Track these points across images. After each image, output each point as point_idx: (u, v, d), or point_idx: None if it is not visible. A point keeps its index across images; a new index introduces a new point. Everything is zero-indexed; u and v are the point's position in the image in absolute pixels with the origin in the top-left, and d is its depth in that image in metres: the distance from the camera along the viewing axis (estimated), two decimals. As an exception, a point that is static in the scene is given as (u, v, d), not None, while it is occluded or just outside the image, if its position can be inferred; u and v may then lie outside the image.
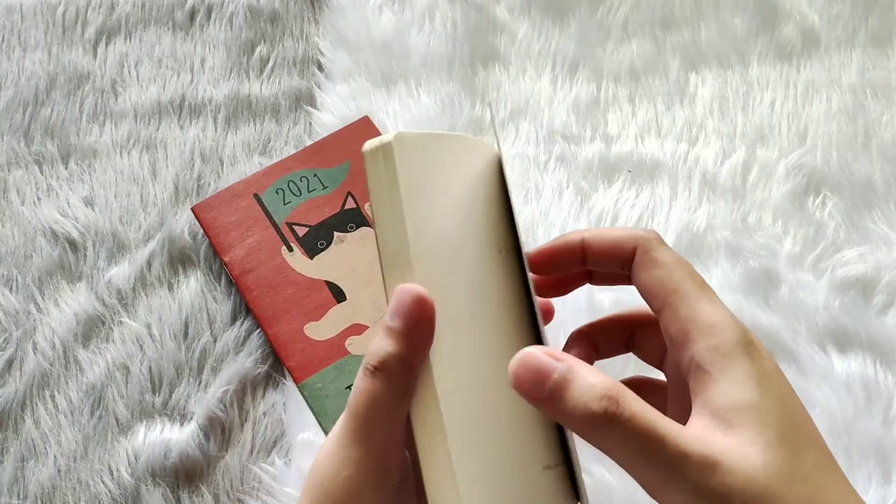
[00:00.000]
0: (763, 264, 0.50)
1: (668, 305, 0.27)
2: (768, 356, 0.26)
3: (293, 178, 0.54)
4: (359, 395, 0.27)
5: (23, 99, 0.60)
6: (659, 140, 0.57)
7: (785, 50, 0.62)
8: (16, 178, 0.56)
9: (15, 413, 0.47)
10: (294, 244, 0.51)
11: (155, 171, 0.56)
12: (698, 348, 0.25)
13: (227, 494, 0.44)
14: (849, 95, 0.59)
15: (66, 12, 0.65)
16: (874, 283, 0.50)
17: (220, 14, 0.65)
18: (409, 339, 0.26)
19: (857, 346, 0.47)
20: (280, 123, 0.60)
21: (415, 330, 0.26)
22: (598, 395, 0.23)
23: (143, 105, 0.60)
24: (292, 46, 0.64)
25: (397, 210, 0.26)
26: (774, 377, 0.25)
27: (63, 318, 0.50)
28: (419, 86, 0.60)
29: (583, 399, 0.23)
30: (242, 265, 0.50)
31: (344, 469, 0.27)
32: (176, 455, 0.44)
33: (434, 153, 0.28)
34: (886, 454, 0.43)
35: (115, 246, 0.53)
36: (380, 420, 0.27)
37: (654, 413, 0.23)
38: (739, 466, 0.22)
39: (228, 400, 0.47)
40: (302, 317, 0.48)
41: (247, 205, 0.53)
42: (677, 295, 0.27)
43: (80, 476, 0.45)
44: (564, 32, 0.63)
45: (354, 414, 0.27)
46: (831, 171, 0.55)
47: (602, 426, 0.23)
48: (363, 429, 0.27)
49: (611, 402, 0.23)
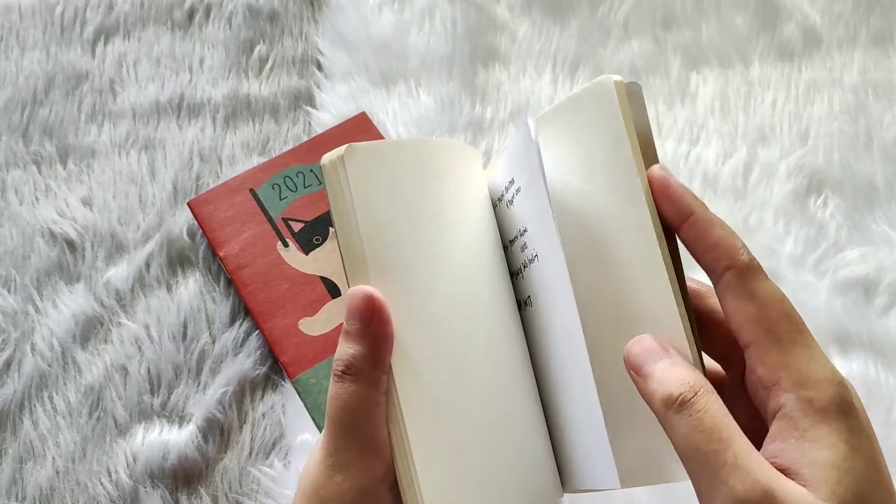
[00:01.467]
0: (764, 265, 0.49)
1: (758, 345, 0.25)
2: (863, 411, 0.25)
3: (289, 174, 0.54)
4: (334, 401, 0.27)
5: (21, 99, 0.60)
6: (660, 140, 0.57)
7: (786, 49, 0.62)
8: (14, 179, 0.56)
9: (13, 414, 0.47)
10: (289, 239, 0.51)
11: (153, 172, 0.56)
12: (788, 399, 0.24)
13: (225, 496, 0.44)
14: (850, 95, 0.59)
15: (65, 12, 0.64)
16: (876, 283, 0.49)
17: (219, 13, 0.65)
18: (368, 337, 0.27)
19: (858, 347, 0.47)
20: (279, 123, 0.59)
21: (371, 327, 0.27)
22: (683, 381, 0.24)
23: (141, 105, 0.60)
24: (291, 46, 0.64)
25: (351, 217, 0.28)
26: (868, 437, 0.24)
27: (61, 318, 0.49)
28: (419, 85, 0.60)
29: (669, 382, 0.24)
30: (238, 260, 0.50)
31: (336, 475, 0.27)
32: (174, 457, 0.44)
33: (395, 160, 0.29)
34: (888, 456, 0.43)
35: (113, 246, 0.53)
36: (359, 422, 0.27)
37: (729, 420, 0.23)
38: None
39: (227, 401, 0.46)
40: (296, 312, 0.48)
41: (243, 200, 0.53)
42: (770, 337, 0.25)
43: (79, 477, 0.44)
44: (565, 32, 0.63)
45: (334, 421, 0.27)
46: (833, 172, 0.55)
47: (674, 409, 0.24)
48: (345, 434, 0.27)
49: (690, 389, 0.24)
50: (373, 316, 0.27)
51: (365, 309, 0.27)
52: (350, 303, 0.27)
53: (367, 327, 0.27)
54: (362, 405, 0.27)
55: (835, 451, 0.23)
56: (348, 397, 0.27)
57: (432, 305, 0.29)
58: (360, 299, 0.27)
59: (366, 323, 0.27)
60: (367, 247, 0.27)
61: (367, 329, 0.27)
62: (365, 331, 0.27)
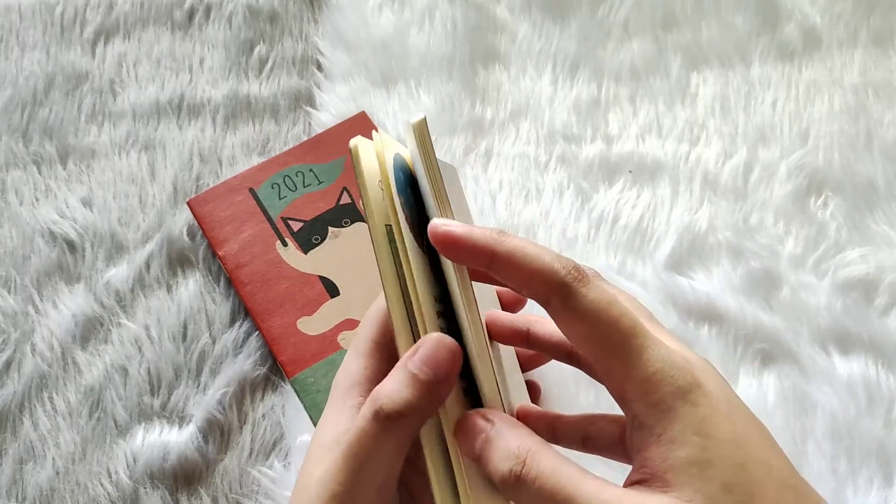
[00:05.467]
0: (765, 265, 0.50)
1: (599, 363, 0.24)
2: (719, 390, 0.24)
3: (289, 173, 0.54)
4: (362, 436, 0.25)
5: (21, 99, 0.60)
6: (660, 140, 0.57)
7: (786, 49, 0.62)
8: (14, 179, 0.56)
9: (13, 415, 0.47)
10: (288, 239, 0.51)
11: (153, 172, 0.56)
12: (637, 407, 0.23)
13: (225, 497, 0.44)
14: (851, 95, 0.59)
15: (65, 12, 0.64)
16: (876, 284, 0.49)
17: (218, 14, 0.65)
18: (434, 393, 0.25)
19: (858, 347, 0.47)
20: (279, 123, 0.59)
21: (443, 384, 0.25)
22: (508, 455, 0.23)
23: (141, 105, 0.60)
24: (291, 46, 0.64)
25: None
26: (725, 417, 0.23)
27: (61, 319, 0.49)
28: (419, 86, 0.59)
29: (496, 461, 0.23)
30: (237, 259, 0.50)
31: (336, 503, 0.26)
32: (174, 457, 0.44)
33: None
34: (888, 456, 0.43)
35: (113, 247, 0.53)
36: (379, 467, 0.26)
37: (570, 472, 0.23)
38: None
39: (227, 402, 0.46)
40: (295, 311, 0.48)
41: (242, 199, 0.53)
42: (605, 352, 0.24)
43: (79, 478, 0.44)
44: (565, 32, 0.63)
45: (353, 455, 0.26)
46: (833, 172, 0.55)
47: (510, 486, 0.23)
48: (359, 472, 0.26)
49: (517, 462, 0.23)
50: (450, 375, 0.25)
51: (445, 364, 0.25)
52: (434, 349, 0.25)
53: (441, 383, 0.25)
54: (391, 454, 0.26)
55: (690, 447, 0.22)
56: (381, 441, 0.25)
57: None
58: (448, 351, 0.25)
59: (441, 378, 0.25)
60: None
61: (439, 384, 0.25)
62: (437, 385, 0.25)
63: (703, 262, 0.51)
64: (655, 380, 0.23)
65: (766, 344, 0.47)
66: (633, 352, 0.23)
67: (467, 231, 0.25)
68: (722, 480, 0.22)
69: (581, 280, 0.24)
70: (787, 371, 0.46)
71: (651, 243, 0.52)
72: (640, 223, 0.53)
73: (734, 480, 0.22)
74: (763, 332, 0.47)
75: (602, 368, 0.24)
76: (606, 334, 0.23)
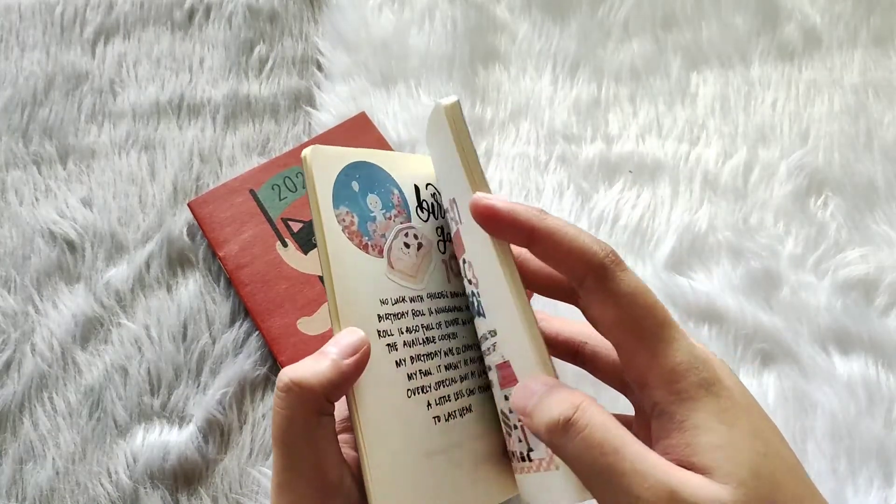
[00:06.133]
0: (765, 265, 0.50)
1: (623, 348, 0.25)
2: (736, 386, 0.25)
3: (289, 174, 0.54)
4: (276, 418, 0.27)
5: (21, 99, 0.60)
6: (660, 140, 0.57)
7: (786, 50, 0.62)
8: (14, 179, 0.56)
9: (13, 415, 0.47)
10: (288, 239, 0.51)
11: (153, 172, 0.56)
12: (659, 395, 0.24)
13: (225, 497, 0.44)
14: (851, 95, 0.59)
15: (65, 12, 0.64)
16: (876, 284, 0.49)
17: (218, 14, 0.65)
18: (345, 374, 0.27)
19: (858, 347, 0.47)
20: (279, 123, 0.59)
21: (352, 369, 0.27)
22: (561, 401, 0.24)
23: (141, 105, 0.59)
24: (291, 46, 0.64)
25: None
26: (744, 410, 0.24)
27: (61, 319, 0.49)
28: (419, 86, 0.59)
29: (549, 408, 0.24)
30: (237, 260, 0.50)
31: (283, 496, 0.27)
32: (174, 457, 0.44)
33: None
34: (888, 456, 0.43)
35: (113, 247, 0.53)
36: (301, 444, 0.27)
37: (618, 428, 0.23)
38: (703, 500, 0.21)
39: (227, 402, 0.46)
40: (295, 311, 0.48)
41: (242, 200, 0.53)
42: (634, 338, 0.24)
43: (79, 478, 0.44)
44: (565, 32, 0.63)
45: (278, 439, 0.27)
46: (833, 172, 0.55)
47: (559, 433, 0.23)
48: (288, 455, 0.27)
49: (571, 407, 0.23)
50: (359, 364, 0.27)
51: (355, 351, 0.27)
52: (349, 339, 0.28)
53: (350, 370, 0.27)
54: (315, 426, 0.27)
55: (715, 434, 0.23)
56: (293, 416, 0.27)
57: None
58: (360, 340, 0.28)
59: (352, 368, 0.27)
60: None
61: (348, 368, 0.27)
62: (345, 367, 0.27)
63: (703, 262, 0.51)
64: (681, 370, 0.24)
65: (766, 344, 0.47)
66: (664, 340, 0.24)
67: (510, 206, 0.26)
68: (750, 467, 0.22)
69: (619, 264, 0.25)
70: (787, 371, 0.46)
71: (651, 243, 0.52)
72: (640, 223, 0.53)
73: (760, 468, 0.22)
74: (763, 332, 0.47)
75: (626, 353, 0.25)
76: (640, 319, 0.24)
